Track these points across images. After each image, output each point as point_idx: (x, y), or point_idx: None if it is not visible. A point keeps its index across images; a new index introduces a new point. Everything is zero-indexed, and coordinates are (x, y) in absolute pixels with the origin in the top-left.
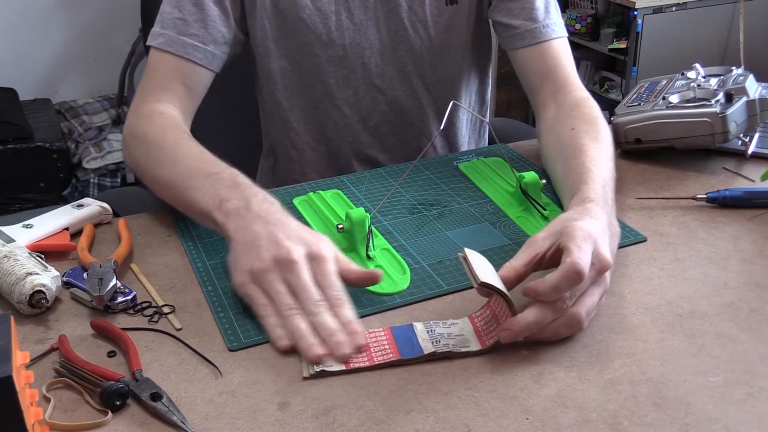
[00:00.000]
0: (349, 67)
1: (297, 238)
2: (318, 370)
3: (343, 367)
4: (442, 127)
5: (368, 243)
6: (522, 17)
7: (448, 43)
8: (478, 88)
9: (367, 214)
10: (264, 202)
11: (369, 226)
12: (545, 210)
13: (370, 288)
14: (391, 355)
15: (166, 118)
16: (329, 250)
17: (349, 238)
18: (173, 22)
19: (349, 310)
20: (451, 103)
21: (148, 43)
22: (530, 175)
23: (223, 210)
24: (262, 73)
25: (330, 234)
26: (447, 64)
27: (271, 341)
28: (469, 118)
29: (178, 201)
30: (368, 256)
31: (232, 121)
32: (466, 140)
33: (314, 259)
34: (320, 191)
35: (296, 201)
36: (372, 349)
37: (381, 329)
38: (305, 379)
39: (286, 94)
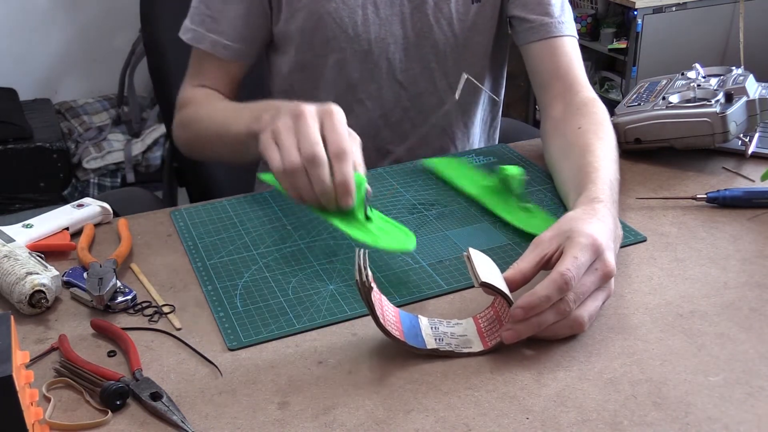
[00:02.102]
0: (373, 62)
1: (312, 104)
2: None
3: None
4: (457, 97)
5: (365, 206)
6: (538, 12)
7: (472, 41)
8: (491, 87)
9: (363, 177)
10: (294, 103)
11: (365, 191)
12: (526, 203)
13: (380, 245)
14: (397, 333)
15: (200, 96)
16: (341, 112)
17: None
18: (201, 18)
19: (347, 165)
20: (463, 77)
21: (179, 35)
22: (512, 168)
23: (258, 121)
24: (280, 66)
25: None
26: (470, 63)
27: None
28: (481, 117)
29: (226, 148)
30: (367, 217)
31: None
32: (477, 139)
33: (324, 113)
34: None
35: None
36: (385, 313)
37: (393, 305)
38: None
39: (306, 87)
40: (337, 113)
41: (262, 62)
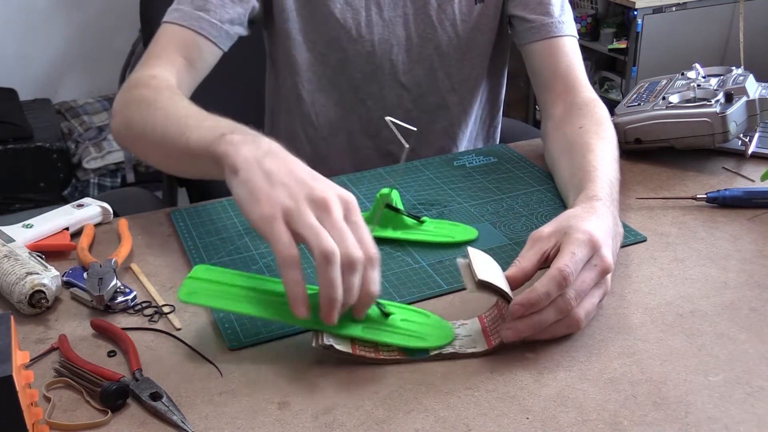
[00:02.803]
0: (376, 63)
1: (322, 180)
2: (327, 344)
3: (349, 351)
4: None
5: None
6: (538, 12)
7: (474, 42)
8: (491, 89)
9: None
10: (270, 141)
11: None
12: (417, 218)
13: (420, 344)
14: (395, 353)
15: (159, 80)
16: (354, 199)
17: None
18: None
19: (377, 273)
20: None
21: (163, 20)
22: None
23: (226, 140)
24: (284, 65)
25: None
26: (472, 64)
27: (291, 300)
28: (479, 115)
29: (171, 151)
30: (384, 313)
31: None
32: (474, 137)
33: (348, 207)
34: None
35: None
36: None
37: None
38: (314, 347)
39: (309, 87)
40: (358, 208)
41: (259, 62)
